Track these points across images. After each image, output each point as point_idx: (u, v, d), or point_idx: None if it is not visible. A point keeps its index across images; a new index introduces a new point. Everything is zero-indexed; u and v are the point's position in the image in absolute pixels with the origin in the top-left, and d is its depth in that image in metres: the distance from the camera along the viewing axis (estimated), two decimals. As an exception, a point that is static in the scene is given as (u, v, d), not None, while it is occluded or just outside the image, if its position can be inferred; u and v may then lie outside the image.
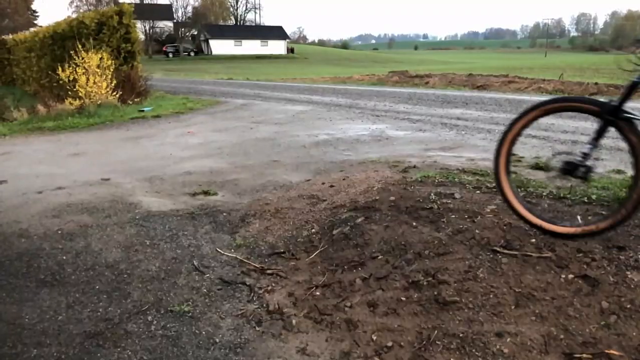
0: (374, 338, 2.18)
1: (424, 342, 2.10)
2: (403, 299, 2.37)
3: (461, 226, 2.78)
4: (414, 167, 4.40)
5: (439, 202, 3.15)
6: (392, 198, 3.33)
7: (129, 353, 2.13)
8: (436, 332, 2.13)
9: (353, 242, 2.91)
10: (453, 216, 2.93)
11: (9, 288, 2.70)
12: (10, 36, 23.81)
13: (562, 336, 2.00)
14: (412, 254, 2.63)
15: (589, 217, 2.80)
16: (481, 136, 6.34)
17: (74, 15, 18.14)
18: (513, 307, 2.19)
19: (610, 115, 2.49)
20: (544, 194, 3.33)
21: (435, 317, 2.23)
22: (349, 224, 3.09)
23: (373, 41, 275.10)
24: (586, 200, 3.12)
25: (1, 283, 2.74)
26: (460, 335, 2.08)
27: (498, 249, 2.52)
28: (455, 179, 3.74)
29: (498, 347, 1.99)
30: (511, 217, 2.85)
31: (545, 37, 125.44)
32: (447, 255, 2.57)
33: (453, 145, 5.75)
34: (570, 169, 2.64)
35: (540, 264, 2.37)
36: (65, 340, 2.22)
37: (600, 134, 2.57)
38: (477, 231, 2.70)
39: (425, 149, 5.56)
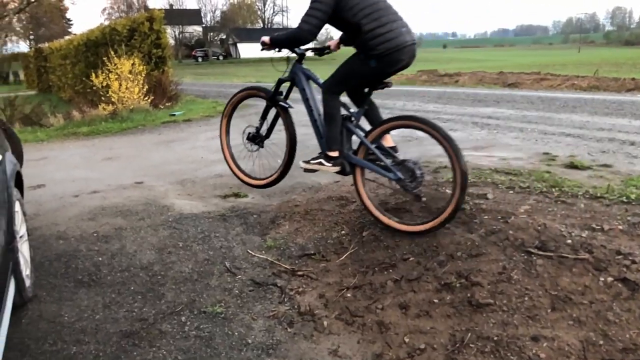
0: (406, 340, 2.16)
1: (457, 345, 2.07)
2: (435, 300, 2.34)
3: (494, 227, 2.74)
4: (445, 167, 4.35)
5: (471, 203, 3.10)
6: (424, 199, 3.29)
7: (164, 353, 2.17)
8: (470, 334, 2.10)
9: (383, 243, 2.89)
10: (486, 217, 2.89)
11: (48, 287, 2.78)
12: (47, 44, 24.60)
13: (601, 342, 1.95)
14: (444, 256, 2.60)
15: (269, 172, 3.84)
16: (513, 135, 6.22)
17: (107, 23, 18.61)
18: (549, 310, 2.14)
19: (270, 102, 3.54)
20: (580, 193, 3.25)
21: (468, 319, 2.20)
22: (379, 225, 3.08)
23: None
24: (625, 200, 3.03)
25: (41, 283, 2.83)
26: (495, 338, 2.05)
27: (532, 250, 2.47)
28: (488, 179, 3.69)
29: (534, 351, 1.95)
30: (546, 217, 2.79)
31: (579, 33, 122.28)
32: (480, 257, 2.53)
33: (485, 145, 5.65)
34: (252, 138, 3.74)
35: (577, 266, 2.31)
36: (103, 339, 2.28)
37: (265, 113, 3.66)
38: (510, 232, 2.65)
39: (455, 149, 5.48)
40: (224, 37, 75.82)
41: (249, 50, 67.54)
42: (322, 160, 3.15)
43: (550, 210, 2.93)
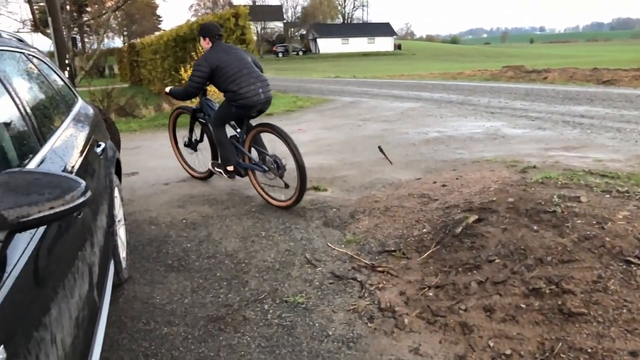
0: (491, 344, 2.09)
1: (547, 354, 1.98)
2: (523, 306, 2.25)
3: (588, 232, 2.58)
4: (534, 167, 4.16)
5: (562, 206, 2.94)
6: (511, 200, 3.17)
7: (248, 339, 2.24)
8: (560, 344, 2.00)
9: (468, 244, 2.82)
10: (579, 221, 2.73)
11: (142, 270, 2.96)
12: (139, 40, 26.08)
13: None
14: (533, 260, 2.49)
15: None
16: (609, 135, 5.83)
17: (194, 19, 19.40)
18: (651, 324, 1.99)
19: (193, 118, 4.62)
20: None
21: (559, 328, 2.09)
22: (463, 225, 3.00)
23: (484, 35, 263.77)
24: None
25: (135, 265, 3.02)
26: (589, 350, 1.93)
27: (632, 260, 2.30)
28: (581, 181, 3.47)
29: (633, 366, 1.82)
30: (648, 225, 2.59)
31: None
32: (573, 263, 2.39)
33: (577, 145, 5.34)
34: (187, 145, 4.77)
35: (684, 279, 2.13)
36: (191, 322, 2.39)
37: (191, 125, 4.69)
38: (607, 239, 2.49)
39: (545, 149, 5.22)
40: (304, 32, 76.74)
41: (328, 45, 68.00)
42: (222, 171, 4.28)
43: (654, 217, 2.72)
